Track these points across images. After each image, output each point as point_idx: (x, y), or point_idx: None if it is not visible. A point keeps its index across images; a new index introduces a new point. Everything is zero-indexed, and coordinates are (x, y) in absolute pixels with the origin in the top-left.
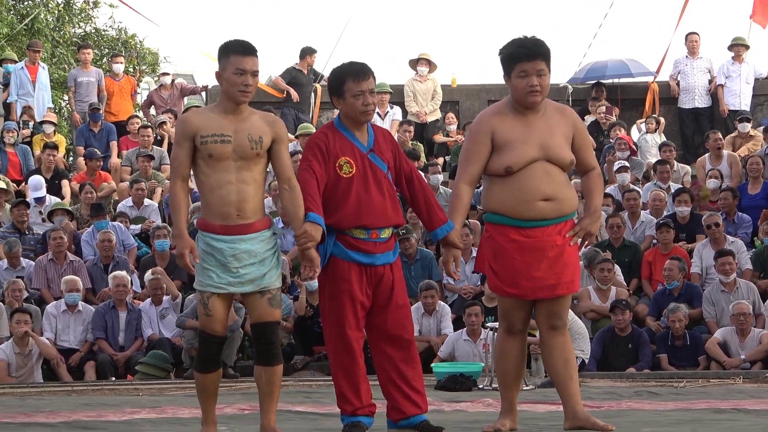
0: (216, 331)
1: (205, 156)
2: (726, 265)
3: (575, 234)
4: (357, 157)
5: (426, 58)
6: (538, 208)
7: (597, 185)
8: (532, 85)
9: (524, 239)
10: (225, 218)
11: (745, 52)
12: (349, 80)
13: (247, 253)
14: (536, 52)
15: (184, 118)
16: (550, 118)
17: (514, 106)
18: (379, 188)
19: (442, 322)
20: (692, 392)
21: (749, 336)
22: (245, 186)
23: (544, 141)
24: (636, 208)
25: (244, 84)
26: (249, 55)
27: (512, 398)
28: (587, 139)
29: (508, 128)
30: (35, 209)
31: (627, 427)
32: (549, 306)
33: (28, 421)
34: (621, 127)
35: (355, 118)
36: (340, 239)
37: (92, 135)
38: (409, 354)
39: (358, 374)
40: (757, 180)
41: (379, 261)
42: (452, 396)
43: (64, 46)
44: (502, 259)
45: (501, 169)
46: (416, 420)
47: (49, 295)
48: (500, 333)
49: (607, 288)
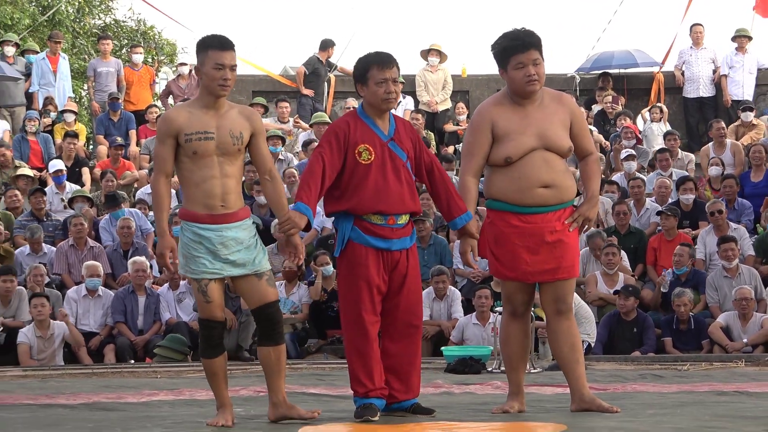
0: (217, 317)
1: (190, 153)
2: (729, 251)
3: (573, 220)
4: (377, 145)
5: (437, 48)
6: (537, 194)
7: (594, 171)
8: (530, 74)
9: (524, 225)
10: (210, 209)
11: (748, 43)
12: (373, 68)
13: (234, 240)
14: (529, 42)
15: (167, 116)
16: (547, 107)
17: (512, 97)
18: (397, 176)
19: (452, 307)
20: (695, 375)
21: (751, 320)
22: (228, 179)
23: (542, 130)
24: (641, 196)
25: (223, 78)
26: (227, 49)
27: (519, 380)
28: (584, 124)
29: (507, 119)
30: (57, 196)
31: (632, 408)
32: (553, 291)
33: (50, 403)
34: (627, 116)
35: (377, 106)
36: (357, 224)
37: (112, 124)
38: (414, 340)
39: (371, 357)
40: (759, 168)
41: (395, 246)
42: (462, 379)
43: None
44: (503, 244)
45: (501, 160)
46: (407, 403)
47: (70, 280)
48: (504, 317)
49: (614, 273)
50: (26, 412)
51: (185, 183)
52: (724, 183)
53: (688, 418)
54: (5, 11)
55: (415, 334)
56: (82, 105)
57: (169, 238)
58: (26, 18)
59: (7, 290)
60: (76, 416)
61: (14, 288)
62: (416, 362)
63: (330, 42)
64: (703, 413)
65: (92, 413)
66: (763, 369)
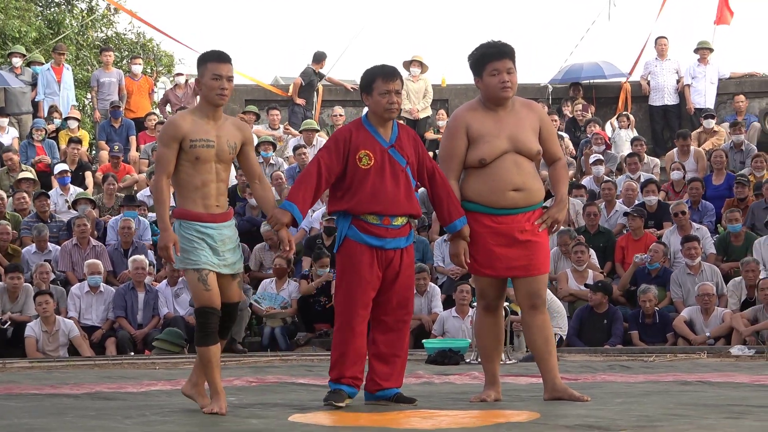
0: (216, 305)
1: (192, 158)
2: (692, 249)
3: (543, 221)
4: (377, 151)
5: (418, 60)
6: (509, 197)
7: (563, 176)
8: (504, 81)
9: (496, 225)
10: (207, 209)
11: (709, 55)
12: (378, 79)
13: (229, 238)
14: (505, 52)
15: (173, 120)
16: (518, 112)
17: (485, 103)
18: (395, 180)
19: (432, 302)
20: (661, 366)
21: (713, 315)
22: (221, 184)
23: (513, 134)
24: (612, 197)
25: (220, 87)
26: (224, 62)
27: (494, 370)
28: (553, 131)
29: (481, 123)
30: (61, 197)
31: (601, 397)
32: (527, 286)
33: (55, 393)
34: (596, 124)
35: (380, 115)
36: (355, 223)
37: (113, 130)
38: (402, 333)
39: (352, 348)
40: (720, 172)
41: (389, 245)
42: (441, 369)
43: (88, 48)
44: (478, 243)
45: (475, 161)
46: (391, 392)
47: (74, 277)
48: (479, 311)
49: (584, 270)
50: (32, 402)
51: (184, 185)
52: (690, 185)
53: (654, 406)
54: (13, 25)
55: (404, 328)
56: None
57: (172, 232)
58: (33, 31)
59: (14, 287)
60: (80, 405)
61: (21, 285)
62: (403, 354)
63: (323, 54)
64: (668, 401)
65: (94, 402)
66: (724, 360)
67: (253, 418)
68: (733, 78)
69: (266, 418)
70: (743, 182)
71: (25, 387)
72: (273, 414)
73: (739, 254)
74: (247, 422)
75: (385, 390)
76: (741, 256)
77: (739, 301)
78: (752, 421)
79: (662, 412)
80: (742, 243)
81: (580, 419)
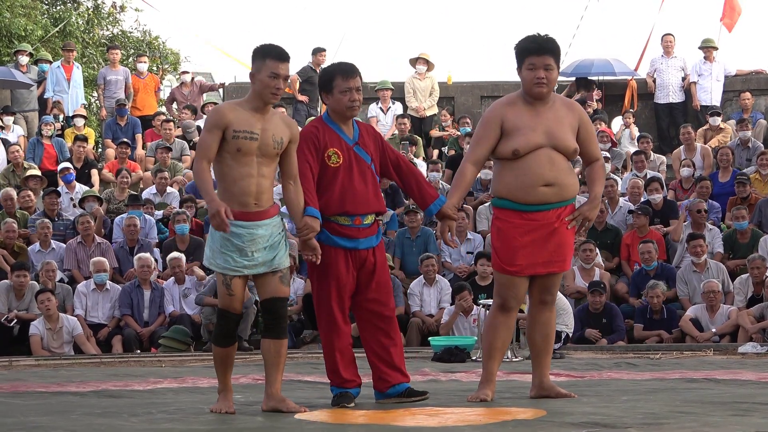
0: (236, 310)
1: (233, 150)
2: (697, 247)
3: (574, 218)
4: (344, 149)
5: (425, 57)
6: (540, 192)
7: (600, 175)
8: (539, 77)
9: (525, 222)
10: (243, 206)
11: (714, 52)
12: (338, 77)
13: (263, 238)
14: (545, 47)
15: (219, 109)
16: (558, 110)
17: (524, 97)
18: (363, 178)
19: (442, 295)
20: (667, 363)
21: (719, 312)
22: (263, 179)
23: (551, 129)
24: (614, 194)
25: (276, 87)
26: (284, 61)
27: (493, 369)
28: (593, 132)
29: (518, 116)
30: (67, 195)
31: (607, 395)
32: (542, 281)
33: (61, 390)
34: (602, 121)
35: (342, 113)
36: (326, 226)
37: (119, 128)
38: (390, 329)
39: (344, 350)
40: (726, 169)
41: (362, 245)
42: (447, 367)
43: (94, 47)
44: (504, 239)
45: (509, 152)
46: (401, 387)
47: (80, 275)
48: (493, 308)
49: (591, 268)
50: (38, 399)
51: (223, 178)
52: (700, 184)
53: (660, 404)
54: (19, 23)
55: (389, 323)
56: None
57: (218, 200)
58: (39, 29)
59: (20, 285)
60: (86, 403)
61: (27, 283)
62: (398, 349)
63: (319, 48)
64: (674, 399)
65: (100, 400)
66: (731, 357)
67: (260, 415)
68: (740, 75)
69: (272, 416)
70: (744, 181)
71: (31, 385)
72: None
73: (745, 251)
74: (254, 420)
75: (395, 386)
76: (747, 253)
77: (745, 299)
78: (758, 418)
79: (668, 409)
80: (749, 240)
81: (587, 417)
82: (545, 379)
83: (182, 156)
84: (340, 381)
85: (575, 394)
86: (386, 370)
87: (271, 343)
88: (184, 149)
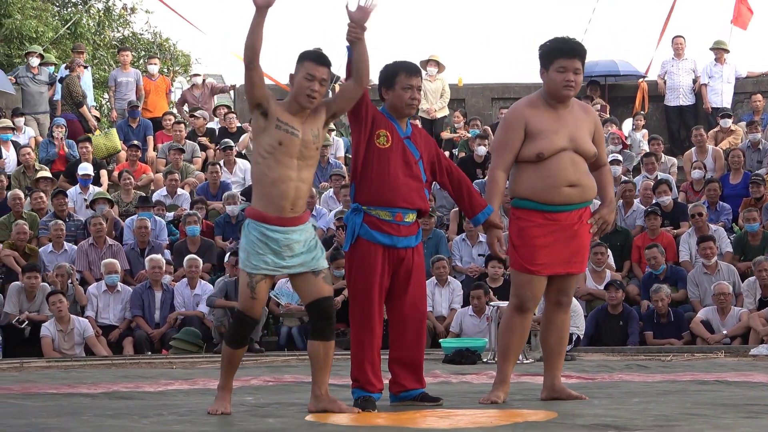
0: (255, 315)
1: (275, 144)
2: (707, 249)
3: (594, 222)
4: (394, 135)
5: (435, 59)
6: (564, 193)
7: (609, 179)
8: (569, 80)
9: (548, 222)
10: (279, 210)
11: (725, 54)
12: (401, 73)
13: (298, 243)
14: (577, 50)
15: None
16: (576, 114)
17: (546, 99)
18: (409, 170)
19: (453, 297)
20: (678, 365)
21: (730, 314)
22: (302, 184)
23: (573, 133)
24: (631, 198)
25: (311, 89)
26: (321, 64)
27: (507, 371)
28: (603, 136)
29: (540, 119)
30: (80, 196)
31: (618, 397)
32: (559, 283)
33: (72, 392)
34: (613, 123)
35: (400, 110)
36: (366, 221)
37: (131, 130)
38: (419, 334)
39: (374, 352)
40: (738, 171)
41: (400, 244)
42: (458, 369)
43: (105, 48)
44: (526, 238)
45: (533, 155)
46: (416, 392)
47: (91, 276)
48: (509, 309)
49: (602, 270)
50: (50, 401)
51: (261, 181)
52: (707, 187)
53: (672, 406)
54: (30, 25)
55: (420, 328)
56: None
57: None
58: (50, 31)
59: (31, 286)
60: (97, 404)
61: (38, 284)
62: (421, 354)
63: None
64: (685, 401)
65: (111, 402)
66: (742, 359)
67: (270, 417)
68: (750, 77)
69: (283, 418)
70: (758, 182)
71: (42, 386)
72: (290, 413)
73: (756, 253)
74: (264, 422)
75: (410, 391)
76: (759, 255)
77: (755, 301)
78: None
79: (679, 411)
80: (760, 242)
81: (597, 419)
82: (557, 381)
83: (194, 158)
84: (365, 382)
85: (586, 396)
86: (405, 375)
87: (321, 345)
88: (196, 151)
